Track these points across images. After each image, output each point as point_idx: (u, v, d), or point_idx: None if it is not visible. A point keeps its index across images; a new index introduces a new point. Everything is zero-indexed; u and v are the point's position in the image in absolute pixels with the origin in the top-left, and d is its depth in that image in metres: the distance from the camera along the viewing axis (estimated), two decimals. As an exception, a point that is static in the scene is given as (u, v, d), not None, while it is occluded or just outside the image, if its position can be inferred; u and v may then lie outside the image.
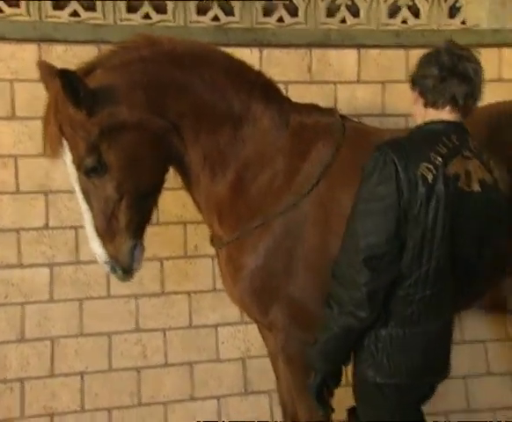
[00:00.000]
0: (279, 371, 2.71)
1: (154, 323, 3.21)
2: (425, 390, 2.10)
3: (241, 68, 2.45)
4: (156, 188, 2.37)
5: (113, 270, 2.32)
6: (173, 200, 3.13)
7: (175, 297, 3.24)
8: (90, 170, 2.18)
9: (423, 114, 1.99)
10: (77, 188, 2.24)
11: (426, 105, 1.98)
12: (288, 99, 2.57)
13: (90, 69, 2.21)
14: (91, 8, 3.07)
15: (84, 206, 2.25)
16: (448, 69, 1.91)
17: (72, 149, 2.18)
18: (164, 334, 3.23)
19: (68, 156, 2.21)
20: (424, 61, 1.98)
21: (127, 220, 2.25)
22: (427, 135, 1.95)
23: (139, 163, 2.24)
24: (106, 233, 2.25)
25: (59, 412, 3.11)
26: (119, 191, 2.21)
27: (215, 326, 3.29)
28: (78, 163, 2.18)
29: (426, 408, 3.43)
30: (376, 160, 1.87)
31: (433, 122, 1.96)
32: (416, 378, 2.02)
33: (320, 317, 2.02)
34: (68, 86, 2.08)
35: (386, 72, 3.35)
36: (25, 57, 2.99)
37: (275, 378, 2.80)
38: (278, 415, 3.00)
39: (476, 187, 1.93)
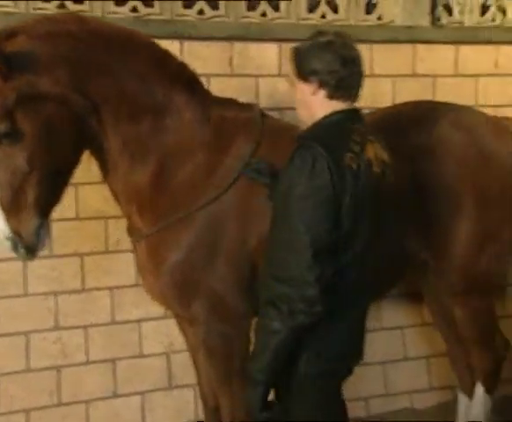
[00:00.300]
0: (199, 365, 2.73)
1: (74, 321, 3.14)
2: (345, 374, 2.16)
3: (166, 58, 2.43)
4: (69, 167, 2.28)
5: (15, 247, 2.20)
6: (94, 194, 3.07)
7: (97, 293, 3.17)
8: (2, 136, 2.06)
9: (325, 106, 1.98)
10: None
11: (329, 96, 1.98)
12: (209, 93, 2.57)
13: (11, 33, 2.11)
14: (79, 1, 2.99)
15: None
16: (346, 61, 1.95)
17: None
18: (86, 331, 3.17)
19: None
20: (320, 53, 1.96)
21: (35, 195, 2.14)
22: (340, 126, 1.98)
23: (55, 138, 2.15)
24: (12, 207, 2.13)
25: (-27, 416, 3.00)
26: (30, 163, 2.10)
27: (138, 321, 3.25)
28: None
29: (345, 394, 3.55)
30: (303, 156, 1.87)
31: (339, 112, 1.99)
32: (341, 363, 2.10)
33: (239, 309, 2.04)
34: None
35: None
36: None
37: (196, 372, 2.81)
38: (202, 409, 3.00)
39: (383, 169, 2.02)
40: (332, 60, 1.95)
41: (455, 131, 2.74)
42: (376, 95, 3.47)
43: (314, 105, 2.00)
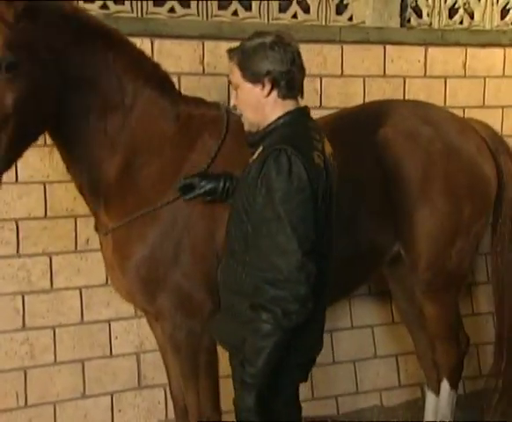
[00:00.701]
0: (169, 364, 2.73)
1: (43, 321, 3.09)
2: (312, 365, 2.19)
3: (140, 57, 2.45)
4: (38, 131, 2.26)
5: None
6: (63, 193, 3.04)
7: (66, 293, 3.13)
8: (6, 65, 2.01)
9: (278, 106, 1.99)
10: None
11: (281, 96, 1.99)
12: (179, 92, 2.60)
13: None
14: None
15: None
16: (294, 60, 1.98)
17: None
18: (54, 332, 3.12)
19: None
20: (269, 54, 1.96)
21: (7, 141, 2.07)
22: (299, 126, 2.01)
23: (41, 94, 2.13)
24: None
25: None
26: (16, 105, 2.04)
27: (108, 321, 3.22)
28: None
29: (316, 393, 3.57)
30: (279, 161, 1.87)
31: (292, 111, 2.02)
32: (314, 354, 2.14)
33: (205, 305, 2.08)
34: None
35: (277, 65, 3.40)
36: None
37: (166, 371, 2.80)
38: (172, 409, 2.98)
39: (335, 163, 2.07)
40: (282, 59, 1.96)
41: (422, 125, 2.80)
42: (346, 95, 3.51)
43: (267, 106, 2.01)
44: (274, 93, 1.98)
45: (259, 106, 2.01)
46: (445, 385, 3.02)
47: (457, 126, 2.90)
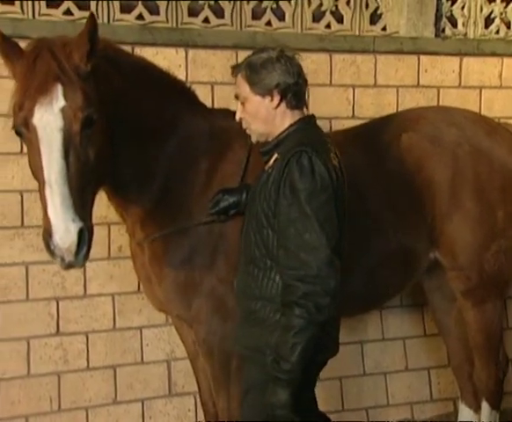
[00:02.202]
0: (199, 371, 2.75)
1: (76, 327, 3.13)
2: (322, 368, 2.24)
3: (169, 78, 2.53)
4: (104, 180, 2.28)
5: (81, 244, 1.98)
6: (97, 200, 3.04)
7: (99, 299, 3.17)
8: (86, 121, 2.02)
9: (287, 116, 2.08)
10: (56, 140, 2.00)
11: (290, 107, 2.07)
12: (205, 105, 2.67)
13: None
14: (9, 1, 2.96)
15: (58, 161, 1.98)
16: (299, 72, 2.08)
17: (68, 96, 2.01)
18: (87, 337, 3.16)
19: (58, 103, 2.01)
20: (276, 67, 2.04)
21: (92, 196, 2.11)
22: (311, 130, 2.10)
23: (108, 144, 2.16)
24: (79, 199, 2.00)
25: (-27, 421, 2.99)
26: (96, 159, 2.06)
27: (140, 328, 3.25)
28: (75, 110, 2.01)
29: (347, 404, 3.55)
30: (300, 162, 1.93)
31: (302, 119, 2.10)
32: (329, 355, 2.18)
33: (236, 308, 2.15)
34: (92, 31, 2.04)
35: (310, 76, 3.40)
36: None
37: (196, 379, 2.81)
38: (203, 416, 2.99)
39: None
40: (289, 72, 2.05)
41: (447, 128, 2.79)
42: (379, 105, 3.50)
43: (276, 117, 2.08)
44: (283, 104, 2.07)
45: (269, 118, 2.08)
46: (486, 406, 2.98)
47: (485, 127, 2.88)
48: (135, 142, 2.34)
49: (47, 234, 1.96)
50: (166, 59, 3.12)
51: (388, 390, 3.62)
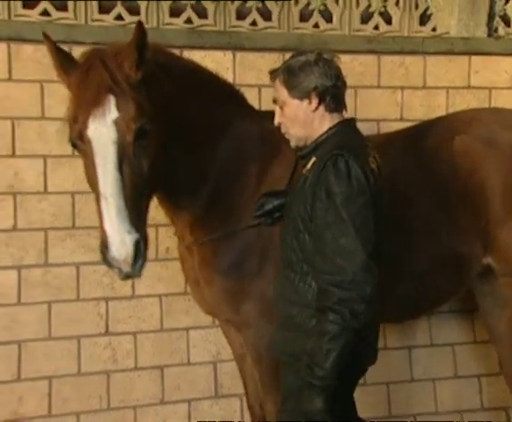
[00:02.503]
0: (246, 374, 2.75)
1: (124, 327, 3.18)
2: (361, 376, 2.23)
3: (219, 81, 2.53)
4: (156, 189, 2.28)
5: (138, 254, 2.01)
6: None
7: (146, 300, 3.21)
8: (140, 132, 2.02)
9: (326, 119, 2.05)
10: (110, 152, 2.00)
11: (329, 110, 2.05)
12: (253, 108, 2.67)
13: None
14: (63, 8, 3.04)
15: (113, 174, 1.98)
16: (338, 75, 2.06)
17: (121, 107, 2.02)
18: (135, 337, 3.20)
19: (111, 114, 2.01)
20: (315, 70, 2.02)
21: (146, 206, 2.12)
22: (350, 134, 2.08)
23: (161, 154, 2.15)
24: (135, 210, 2.01)
25: (26, 417, 3.06)
26: (149, 170, 2.06)
27: (187, 329, 3.27)
28: (128, 121, 2.01)
29: (394, 410, 3.50)
30: (337, 166, 1.91)
31: (342, 122, 2.08)
32: (367, 364, 2.17)
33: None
34: (140, 39, 2.04)
35: (358, 78, 3.39)
36: (-6, 56, 2.95)
37: (243, 382, 2.81)
38: (249, 418, 2.99)
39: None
40: (327, 74, 2.03)
41: (501, 130, 2.71)
42: (429, 107, 3.45)
43: (315, 120, 2.06)
44: (322, 107, 2.05)
45: (308, 121, 2.06)
46: None
47: None
48: (187, 147, 2.35)
49: (104, 246, 1.98)
50: (214, 62, 3.15)
51: (437, 397, 3.55)
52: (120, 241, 1.96)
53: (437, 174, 2.64)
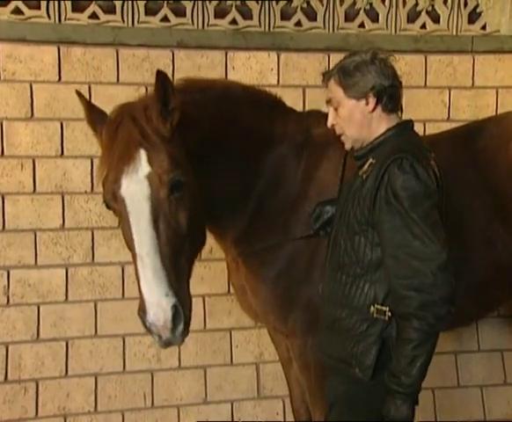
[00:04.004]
0: (291, 377, 2.72)
1: (168, 326, 3.21)
2: None
3: (259, 95, 2.46)
4: (203, 239, 2.18)
5: (176, 319, 1.90)
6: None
7: (190, 300, 3.23)
8: (174, 185, 1.93)
9: (383, 120, 2.00)
10: (145, 209, 1.92)
11: (386, 110, 2.00)
12: (294, 111, 2.58)
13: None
14: (110, 10, 3.09)
15: (147, 231, 1.90)
16: (395, 74, 2.01)
17: (153, 161, 1.93)
18: (179, 337, 3.23)
19: (143, 170, 1.93)
20: (371, 70, 1.97)
21: (188, 262, 2.02)
22: (410, 136, 2.02)
23: (200, 203, 2.08)
24: (174, 270, 1.90)
25: (73, 413, 3.12)
26: (188, 224, 1.96)
27: (230, 330, 3.28)
28: (161, 175, 1.92)
29: (443, 417, 3.42)
30: (403, 168, 1.86)
31: (400, 124, 2.03)
32: None
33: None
34: (163, 90, 1.96)
35: (404, 77, 3.32)
36: (44, 59, 3.02)
37: (288, 385, 2.79)
38: (290, 420, 2.98)
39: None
40: (384, 74, 1.97)
41: None
42: (477, 107, 3.38)
43: (372, 121, 2.00)
44: (379, 108, 1.99)
45: (365, 122, 2.01)
46: None
47: None
48: (229, 173, 2.29)
49: (142, 310, 1.90)
50: (259, 63, 3.15)
51: (485, 404, 3.46)
52: (158, 305, 1.85)
53: (494, 180, 2.53)
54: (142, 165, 1.92)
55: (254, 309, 2.55)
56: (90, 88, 3.03)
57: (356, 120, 2.01)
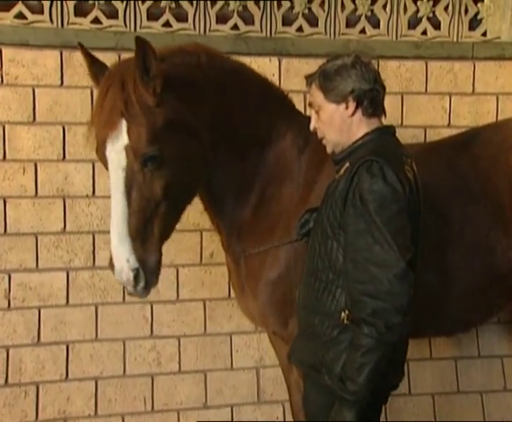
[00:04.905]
0: (291, 383, 2.70)
1: (169, 330, 3.21)
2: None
3: (268, 86, 2.49)
4: (191, 199, 2.31)
5: (136, 279, 2.07)
6: (190, 207, 3.12)
7: (190, 305, 3.24)
8: (148, 159, 2.03)
9: (363, 124, 1.99)
10: (119, 178, 2.05)
11: (366, 114, 1.99)
12: (300, 112, 2.61)
13: (160, 58, 2.10)
14: (113, 15, 3.10)
15: (119, 200, 2.04)
16: (376, 78, 1.99)
17: (133, 133, 2.02)
18: (179, 341, 3.23)
19: (121, 140, 2.04)
20: (352, 74, 1.96)
21: (162, 226, 2.11)
22: (387, 141, 2.00)
23: (187, 169, 2.16)
24: (140, 235, 2.05)
25: (73, 417, 3.12)
26: (166, 190, 2.07)
27: (230, 334, 3.28)
28: (137, 149, 2.02)
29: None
30: (371, 172, 1.84)
31: (380, 129, 2.02)
32: (396, 380, 2.09)
33: None
34: (142, 57, 2.00)
35: (405, 83, 3.35)
36: (46, 63, 3.03)
37: (287, 390, 2.79)
38: (291, 425, 2.99)
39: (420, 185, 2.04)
40: (365, 78, 1.96)
41: None
42: (478, 114, 3.38)
43: (352, 125, 1.99)
44: (359, 112, 1.99)
45: (345, 127, 2.00)
46: None
47: None
48: (232, 152, 2.34)
49: (110, 266, 2.09)
50: (260, 68, 3.15)
51: (484, 410, 3.46)
52: (120, 268, 2.05)
53: (493, 186, 2.53)
54: (123, 136, 2.03)
55: (253, 313, 2.56)
56: (92, 92, 3.04)
57: (336, 124, 2.00)
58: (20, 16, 3.02)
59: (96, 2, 3.07)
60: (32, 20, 3.02)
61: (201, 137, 2.20)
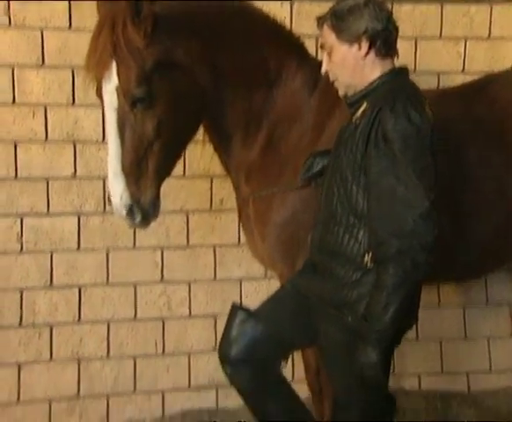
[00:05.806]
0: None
1: (179, 275, 3.24)
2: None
3: (277, 27, 2.47)
4: (188, 139, 2.35)
5: (131, 214, 2.18)
6: (200, 154, 3.12)
7: (200, 250, 3.26)
8: (137, 100, 2.09)
9: (376, 65, 1.96)
10: (112, 118, 2.13)
11: (380, 55, 1.95)
12: (314, 58, 2.58)
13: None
14: None
15: (113, 139, 2.13)
16: (389, 18, 1.97)
17: (122, 75, 2.08)
18: (189, 286, 3.26)
19: (113, 81, 2.10)
20: (365, 13, 1.92)
21: (156, 164, 2.17)
22: (405, 81, 1.98)
23: (181, 109, 2.19)
24: (133, 173, 2.14)
25: (86, 358, 3.18)
26: (158, 130, 2.13)
27: (240, 280, 3.31)
28: (126, 90, 2.08)
29: (447, 368, 3.46)
30: (395, 111, 1.82)
31: (395, 69, 1.99)
32: (411, 321, 2.09)
33: None
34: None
35: (419, 28, 3.28)
36: (55, 5, 2.98)
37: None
38: (298, 367, 3.02)
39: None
40: (378, 17, 1.93)
41: None
42: (493, 59, 3.32)
43: (365, 66, 1.96)
44: (372, 53, 1.95)
45: (358, 68, 1.96)
46: None
47: None
48: (236, 90, 2.32)
49: (108, 200, 2.18)
50: (271, 12, 3.09)
51: (491, 356, 3.50)
52: (115, 203, 2.16)
53: (510, 129, 2.49)
54: (113, 77, 2.09)
55: (261, 255, 2.58)
56: (100, 35, 3.00)
57: (349, 66, 1.97)
58: (27, -44, 2.96)
59: None
60: (39, -39, 2.97)
61: (197, 74, 2.21)
